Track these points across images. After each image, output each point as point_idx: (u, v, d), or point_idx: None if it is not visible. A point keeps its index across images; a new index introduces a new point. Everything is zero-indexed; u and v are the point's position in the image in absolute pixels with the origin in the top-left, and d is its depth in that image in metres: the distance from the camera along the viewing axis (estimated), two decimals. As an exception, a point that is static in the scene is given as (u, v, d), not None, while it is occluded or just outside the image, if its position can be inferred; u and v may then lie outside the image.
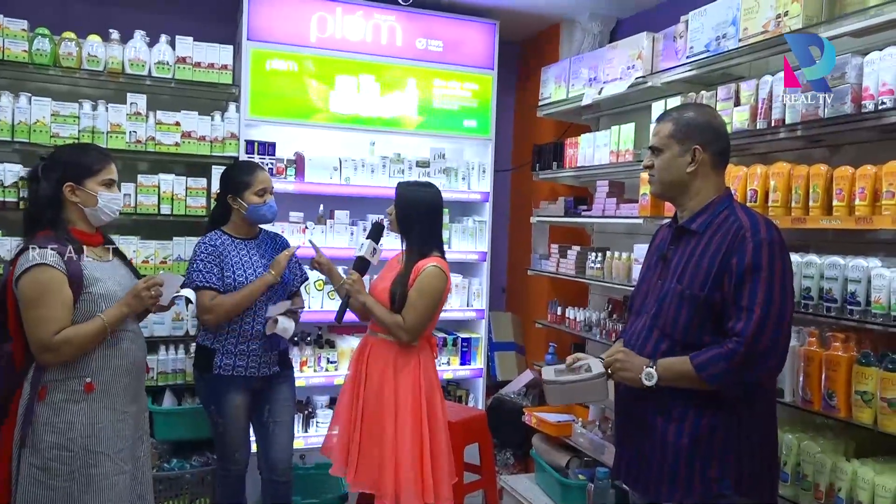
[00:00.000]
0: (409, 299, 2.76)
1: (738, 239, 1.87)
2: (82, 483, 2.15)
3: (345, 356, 4.02)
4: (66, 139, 3.39)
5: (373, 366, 2.82)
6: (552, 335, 4.30)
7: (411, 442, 2.72)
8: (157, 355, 3.61)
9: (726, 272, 1.87)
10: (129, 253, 3.49)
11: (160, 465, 3.55)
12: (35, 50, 3.40)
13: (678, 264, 1.99)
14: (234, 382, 2.90)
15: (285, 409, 3.06)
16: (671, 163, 2.03)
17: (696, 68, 2.99)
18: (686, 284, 1.93)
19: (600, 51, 3.83)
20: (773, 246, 1.86)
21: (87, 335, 2.16)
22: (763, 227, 1.89)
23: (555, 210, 4.12)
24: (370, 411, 2.78)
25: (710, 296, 1.89)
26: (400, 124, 4.12)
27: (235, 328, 2.90)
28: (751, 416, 1.92)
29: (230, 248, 2.95)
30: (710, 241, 1.94)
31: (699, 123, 2.03)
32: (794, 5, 2.47)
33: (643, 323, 2.05)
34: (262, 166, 3.11)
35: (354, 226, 4.04)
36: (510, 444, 4.31)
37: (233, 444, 2.97)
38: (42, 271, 2.11)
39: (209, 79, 3.70)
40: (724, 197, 2.03)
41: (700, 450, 1.89)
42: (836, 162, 2.37)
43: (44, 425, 2.14)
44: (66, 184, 2.24)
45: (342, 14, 3.97)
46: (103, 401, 2.22)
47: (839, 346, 2.22)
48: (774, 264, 1.85)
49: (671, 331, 1.96)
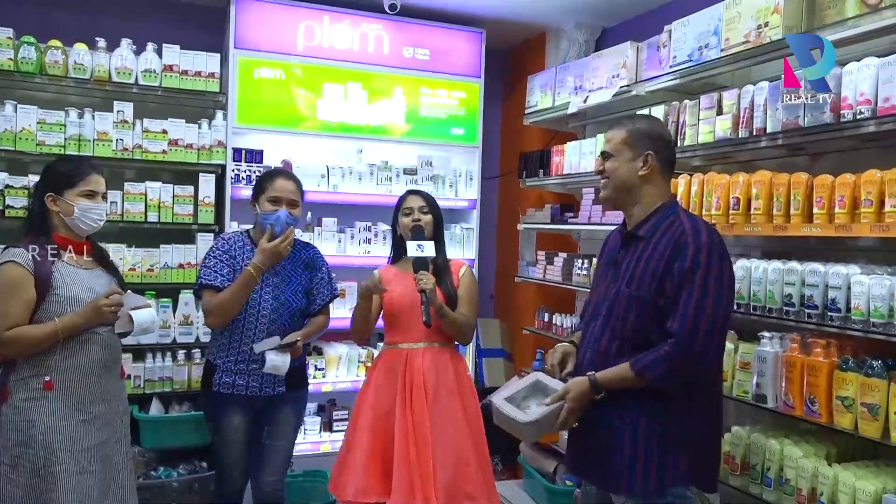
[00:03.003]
0: (462, 298, 2.87)
1: (681, 244, 1.98)
2: (48, 481, 2.21)
3: (332, 363, 4.03)
4: (52, 147, 3.40)
5: (430, 375, 2.78)
6: (540, 341, 4.31)
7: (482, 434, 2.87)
8: (143, 363, 3.60)
9: (668, 275, 1.98)
10: (115, 261, 3.48)
11: (147, 472, 3.53)
12: (21, 58, 3.39)
13: (627, 269, 2.08)
14: (232, 401, 2.76)
15: (284, 431, 2.88)
16: (623, 166, 2.11)
17: (679, 77, 3.03)
18: (634, 288, 2.03)
19: (586, 60, 3.87)
20: (712, 249, 1.96)
21: (35, 337, 2.22)
22: (704, 232, 1.99)
23: (541, 217, 4.14)
24: (441, 423, 2.73)
25: (656, 298, 1.99)
26: (387, 132, 4.14)
27: (235, 346, 2.75)
28: (699, 409, 2.03)
29: (246, 253, 2.77)
30: (656, 246, 2.03)
31: (651, 132, 2.14)
32: (775, 16, 2.51)
33: (598, 325, 2.13)
34: (290, 175, 2.86)
35: (342, 233, 4.05)
36: (497, 451, 4.31)
37: (229, 466, 2.83)
38: (9, 268, 2.23)
39: (196, 87, 3.71)
40: (670, 203, 2.13)
41: (654, 443, 1.99)
42: (818, 170, 2.41)
43: (9, 423, 2.24)
44: (47, 194, 2.35)
45: (329, 22, 3.98)
46: (64, 400, 2.27)
47: (820, 352, 2.26)
48: (711, 267, 1.94)
49: (621, 331, 2.05)
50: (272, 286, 2.76)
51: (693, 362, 1.94)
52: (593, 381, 2.02)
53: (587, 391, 2.02)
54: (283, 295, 2.78)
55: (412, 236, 2.85)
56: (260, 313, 2.74)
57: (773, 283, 2.42)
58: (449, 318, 2.77)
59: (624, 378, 2.00)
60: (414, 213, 2.90)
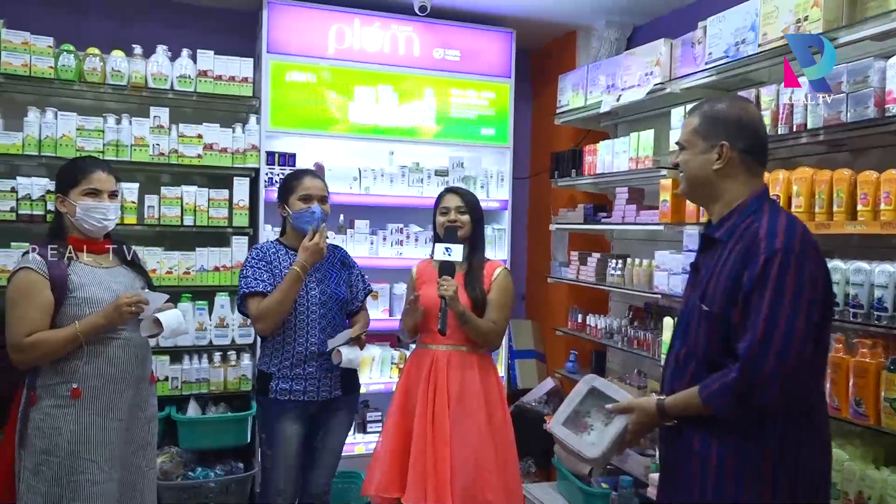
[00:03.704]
0: (493, 303, 2.80)
1: (752, 251, 1.69)
2: (70, 489, 2.19)
3: (366, 364, 4.03)
4: (91, 153, 3.45)
5: (454, 379, 2.74)
6: (572, 342, 4.28)
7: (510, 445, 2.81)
8: (180, 364, 3.65)
9: (738, 288, 1.70)
10: (152, 264, 3.57)
11: (185, 473, 3.58)
12: (60, 66, 3.46)
13: (704, 276, 1.83)
14: (289, 408, 2.72)
15: (338, 435, 2.89)
16: (695, 160, 1.86)
17: (715, 74, 2.98)
18: (708, 301, 1.78)
19: (618, 58, 3.83)
20: (788, 256, 1.64)
21: (56, 341, 2.20)
22: (781, 235, 1.68)
23: (574, 217, 4.11)
24: (461, 428, 2.69)
25: (727, 314, 1.72)
26: (418, 134, 4.15)
27: (290, 349, 2.73)
28: (783, 441, 1.69)
29: (282, 258, 2.77)
30: (730, 253, 1.76)
31: (727, 117, 1.83)
32: (814, 10, 2.46)
33: (679, 337, 1.91)
34: (315, 174, 2.90)
35: (374, 235, 4.07)
36: (531, 453, 4.29)
37: (278, 480, 2.75)
38: (24, 274, 2.22)
39: (230, 91, 3.75)
40: (753, 198, 1.81)
41: (728, 474, 1.71)
42: (860, 166, 2.36)
43: (34, 430, 2.20)
44: (56, 195, 2.36)
45: (360, 26, 4.00)
46: (91, 407, 2.24)
47: (866, 352, 2.21)
48: (786, 276, 1.63)
49: (694, 348, 1.81)
50: (316, 281, 2.79)
51: (761, 390, 1.62)
52: (661, 407, 1.80)
53: (654, 416, 1.82)
54: (329, 288, 2.82)
55: (444, 237, 2.83)
56: (310, 310, 2.76)
57: (815, 282, 2.36)
58: (471, 324, 2.73)
59: (691, 404, 1.74)
60: (450, 213, 2.86)
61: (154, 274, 3.56)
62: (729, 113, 1.84)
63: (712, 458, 1.72)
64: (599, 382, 2.00)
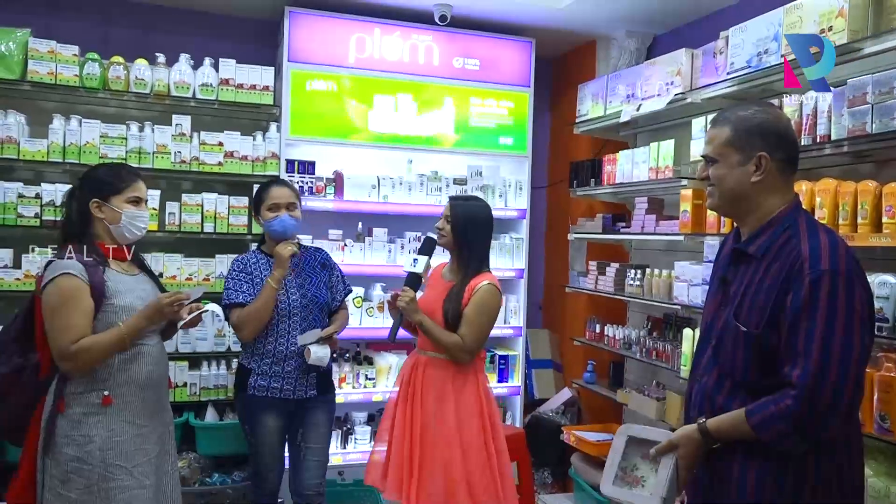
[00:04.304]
0: (466, 318, 2.70)
1: (795, 272, 1.62)
2: (101, 497, 2.18)
3: (383, 373, 4.04)
4: (114, 160, 3.48)
5: (428, 385, 2.73)
6: (590, 353, 4.26)
7: (483, 459, 2.68)
8: (199, 371, 3.67)
9: (782, 310, 1.63)
10: (172, 270, 3.61)
11: (202, 479, 3.59)
12: (85, 74, 3.51)
13: (737, 293, 1.75)
14: (266, 404, 2.90)
15: (319, 434, 3.01)
16: (732, 173, 1.76)
17: (736, 84, 2.97)
18: (743, 320, 1.70)
19: (638, 67, 3.83)
20: (835, 278, 1.59)
21: (104, 344, 2.19)
22: (826, 256, 1.61)
23: (593, 227, 4.10)
24: (431, 433, 2.68)
25: (767, 336, 1.65)
26: (437, 142, 4.16)
27: (270, 349, 2.89)
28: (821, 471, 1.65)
29: (262, 267, 2.93)
30: (767, 270, 1.69)
31: (763, 127, 1.74)
32: (839, 20, 2.44)
33: (707, 355, 1.84)
34: (282, 182, 3.07)
35: (392, 243, 4.08)
36: (548, 463, 4.28)
37: (265, 465, 2.98)
38: (65, 280, 2.17)
39: (251, 100, 3.78)
40: (789, 210, 1.75)
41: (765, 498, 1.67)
42: (884, 177, 2.34)
43: (63, 438, 2.18)
44: (92, 200, 2.31)
45: (380, 35, 4.03)
46: (122, 414, 2.24)
47: (892, 366, 2.18)
48: (836, 300, 1.58)
49: (730, 370, 1.74)
50: (297, 286, 2.96)
51: (821, 419, 1.57)
52: (703, 431, 1.71)
53: (699, 442, 1.72)
54: (310, 292, 2.97)
55: (420, 247, 2.89)
56: (291, 312, 2.91)
57: (839, 295, 2.33)
58: (431, 335, 2.70)
59: (738, 429, 1.66)
60: (440, 221, 2.85)
61: (174, 280, 3.60)
62: (763, 121, 1.75)
63: (750, 483, 1.68)
64: (635, 430, 1.89)
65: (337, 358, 3.96)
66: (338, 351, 3.18)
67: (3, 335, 2.31)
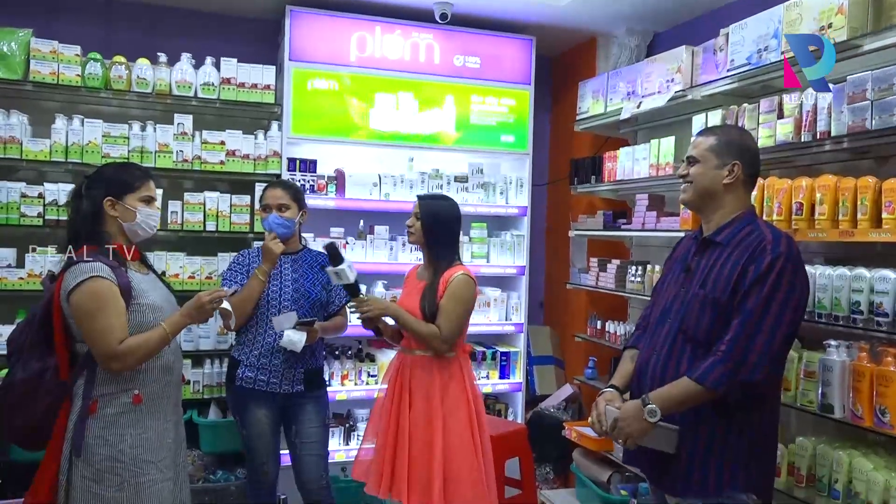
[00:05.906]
0: (442, 308, 2.72)
1: (759, 250, 1.98)
2: (131, 492, 2.20)
3: (384, 369, 4.05)
4: (116, 159, 3.50)
5: (416, 383, 2.76)
6: (592, 349, 4.27)
7: (469, 454, 2.70)
8: (202, 368, 3.69)
9: (742, 278, 1.98)
10: (175, 269, 3.63)
11: (206, 476, 3.61)
12: (87, 74, 3.53)
13: (702, 273, 2.09)
14: (254, 396, 2.94)
15: (311, 430, 3.03)
16: (708, 173, 2.13)
17: (737, 81, 2.98)
18: (709, 290, 2.04)
19: (638, 65, 3.84)
20: (788, 261, 1.96)
21: (152, 344, 2.20)
22: (784, 243, 1.99)
23: (593, 224, 4.11)
24: (419, 430, 2.70)
25: (731, 300, 1.99)
26: (438, 140, 4.17)
27: (259, 340, 2.96)
28: (757, 427, 2.04)
29: (259, 262, 2.98)
30: (732, 253, 2.04)
31: (740, 144, 2.15)
32: (839, 17, 2.45)
33: (667, 329, 2.13)
34: (278, 184, 3.14)
35: (394, 241, 4.09)
36: (549, 459, 4.29)
37: (258, 456, 3.01)
38: (97, 283, 2.15)
39: (253, 99, 3.80)
40: (748, 213, 2.13)
41: (713, 457, 2.02)
42: (884, 173, 2.34)
43: (96, 438, 2.18)
44: (106, 198, 2.29)
45: (381, 33, 4.04)
46: (150, 411, 2.26)
47: (891, 360, 2.19)
48: (782, 279, 1.94)
49: (694, 333, 2.05)
50: (292, 280, 3.02)
51: (748, 365, 1.93)
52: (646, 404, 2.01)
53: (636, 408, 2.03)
54: (303, 287, 3.03)
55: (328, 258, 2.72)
56: (282, 304, 2.97)
57: (838, 291, 2.36)
58: (409, 328, 2.73)
59: (680, 394, 1.99)
60: (410, 219, 2.88)
61: (176, 278, 3.61)
62: (742, 141, 2.18)
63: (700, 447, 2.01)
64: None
65: (339, 355, 3.98)
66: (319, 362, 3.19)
67: (20, 339, 2.28)
